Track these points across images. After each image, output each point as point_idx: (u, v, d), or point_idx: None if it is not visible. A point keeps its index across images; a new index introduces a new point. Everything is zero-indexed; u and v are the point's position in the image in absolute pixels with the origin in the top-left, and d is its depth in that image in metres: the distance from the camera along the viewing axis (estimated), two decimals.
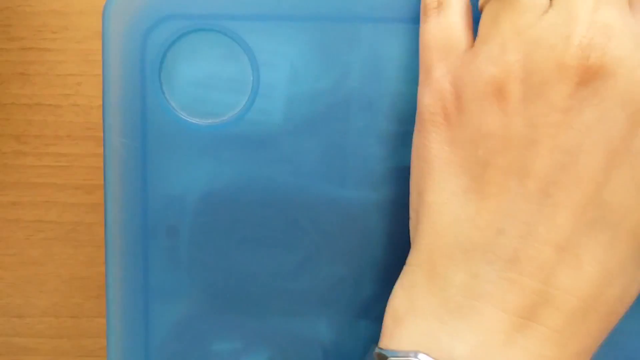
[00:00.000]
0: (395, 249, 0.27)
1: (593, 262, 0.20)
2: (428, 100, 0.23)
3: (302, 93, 0.27)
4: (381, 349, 0.22)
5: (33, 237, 0.37)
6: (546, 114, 0.21)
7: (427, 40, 0.24)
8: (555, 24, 0.21)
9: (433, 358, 0.21)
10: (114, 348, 0.28)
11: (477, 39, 0.23)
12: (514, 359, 0.20)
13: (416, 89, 0.26)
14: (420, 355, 0.21)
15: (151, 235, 0.28)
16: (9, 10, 0.36)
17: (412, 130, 0.26)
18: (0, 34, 0.36)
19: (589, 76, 0.20)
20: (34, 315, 0.37)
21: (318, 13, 0.27)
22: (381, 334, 0.23)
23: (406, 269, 0.24)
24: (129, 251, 0.28)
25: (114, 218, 0.27)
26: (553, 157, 0.20)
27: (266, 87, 0.27)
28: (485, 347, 0.20)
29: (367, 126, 0.27)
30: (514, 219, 0.21)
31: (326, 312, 0.28)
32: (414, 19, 0.27)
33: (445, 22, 0.24)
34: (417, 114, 0.24)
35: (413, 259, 0.23)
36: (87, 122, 0.36)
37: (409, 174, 0.26)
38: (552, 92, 0.20)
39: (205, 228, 0.28)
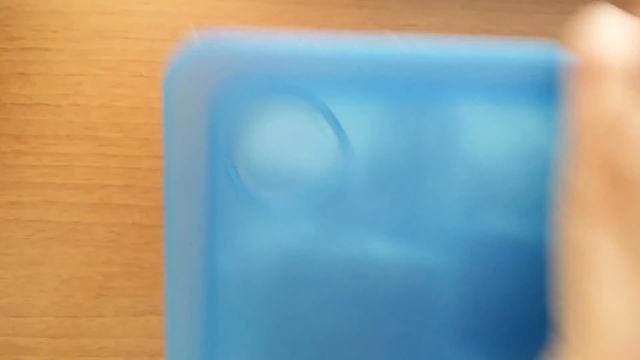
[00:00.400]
0: (463, 315, 0.27)
1: None
2: (583, 183, 0.21)
3: (380, 159, 0.26)
4: None
5: (32, 237, 0.37)
6: None
7: (582, 114, 0.21)
8: None
9: None
10: None
11: None
12: None
13: (494, 156, 0.25)
14: None
15: (218, 292, 0.27)
16: (8, 10, 0.36)
17: (489, 198, 0.26)
18: None
19: None
20: (33, 315, 0.37)
21: (401, 81, 0.26)
22: None
23: None
24: (193, 305, 0.26)
25: (173, 297, 0.26)
26: None
27: (348, 155, 0.26)
28: None
29: (445, 192, 0.27)
30: None
31: None
32: (500, 94, 0.26)
33: (604, 93, 0.21)
34: (567, 196, 0.22)
35: None
36: (86, 121, 0.36)
37: (483, 240, 0.26)
38: None
39: (275, 287, 0.27)
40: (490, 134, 0.27)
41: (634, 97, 0.21)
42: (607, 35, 0.21)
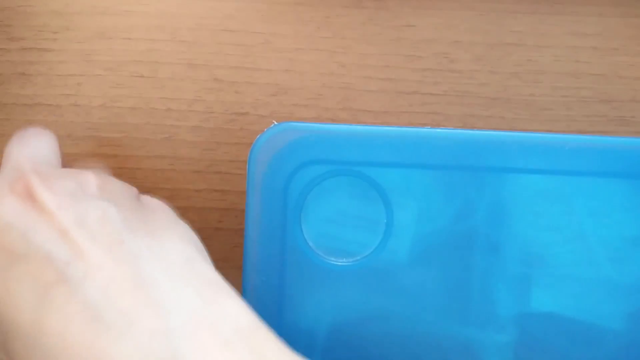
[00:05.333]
0: None
1: None
2: None
3: (431, 235, 0.30)
4: None
5: None
6: None
7: None
8: None
9: None
10: None
11: None
12: None
13: (544, 235, 0.28)
14: None
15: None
16: (9, 10, 0.36)
17: (538, 275, 0.29)
18: (0, 34, 0.36)
19: None
20: None
21: (448, 162, 0.29)
22: None
23: None
24: None
25: None
26: None
27: (398, 228, 0.30)
28: None
29: (493, 268, 0.29)
30: None
31: None
32: (541, 170, 0.29)
33: None
34: None
35: None
36: (87, 122, 0.37)
37: (533, 318, 0.28)
38: None
39: (332, 347, 0.30)
40: (543, 211, 0.30)
41: None
42: None
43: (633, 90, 0.37)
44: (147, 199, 0.28)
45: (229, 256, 0.36)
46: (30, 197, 0.24)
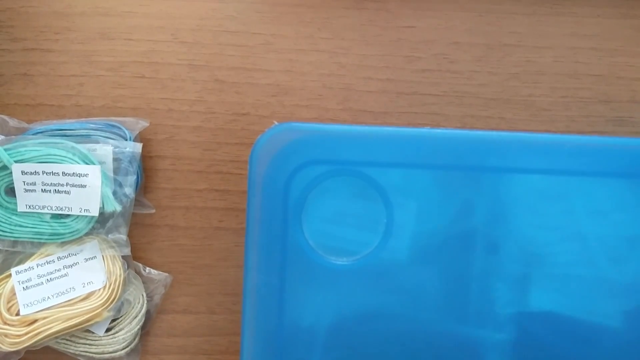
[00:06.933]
0: None
1: None
2: None
3: (430, 235, 0.30)
4: None
5: None
6: None
7: None
8: None
9: None
10: None
11: None
12: None
13: (542, 234, 0.27)
14: None
15: (286, 342, 0.30)
16: (11, 11, 0.37)
17: (537, 274, 0.29)
18: (3, 34, 0.37)
19: None
20: None
21: (448, 162, 0.30)
22: None
23: None
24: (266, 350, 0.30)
25: (249, 347, 0.30)
26: None
27: (398, 228, 0.30)
28: None
29: (492, 267, 0.30)
30: None
31: None
32: (540, 170, 0.30)
33: None
34: None
35: None
36: None
37: (531, 317, 0.28)
38: None
39: (331, 345, 0.30)
40: (541, 210, 0.30)
41: None
42: None
43: (631, 91, 0.37)
44: None
45: (230, 255, 0.36)
46: None
